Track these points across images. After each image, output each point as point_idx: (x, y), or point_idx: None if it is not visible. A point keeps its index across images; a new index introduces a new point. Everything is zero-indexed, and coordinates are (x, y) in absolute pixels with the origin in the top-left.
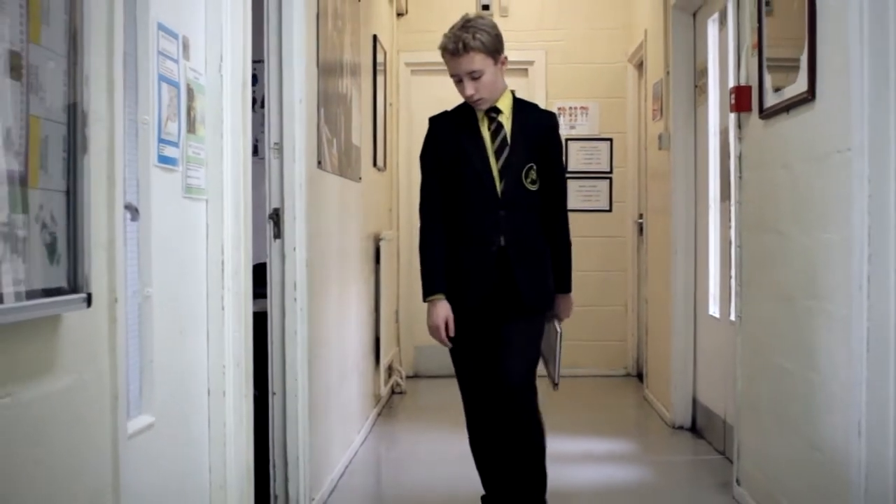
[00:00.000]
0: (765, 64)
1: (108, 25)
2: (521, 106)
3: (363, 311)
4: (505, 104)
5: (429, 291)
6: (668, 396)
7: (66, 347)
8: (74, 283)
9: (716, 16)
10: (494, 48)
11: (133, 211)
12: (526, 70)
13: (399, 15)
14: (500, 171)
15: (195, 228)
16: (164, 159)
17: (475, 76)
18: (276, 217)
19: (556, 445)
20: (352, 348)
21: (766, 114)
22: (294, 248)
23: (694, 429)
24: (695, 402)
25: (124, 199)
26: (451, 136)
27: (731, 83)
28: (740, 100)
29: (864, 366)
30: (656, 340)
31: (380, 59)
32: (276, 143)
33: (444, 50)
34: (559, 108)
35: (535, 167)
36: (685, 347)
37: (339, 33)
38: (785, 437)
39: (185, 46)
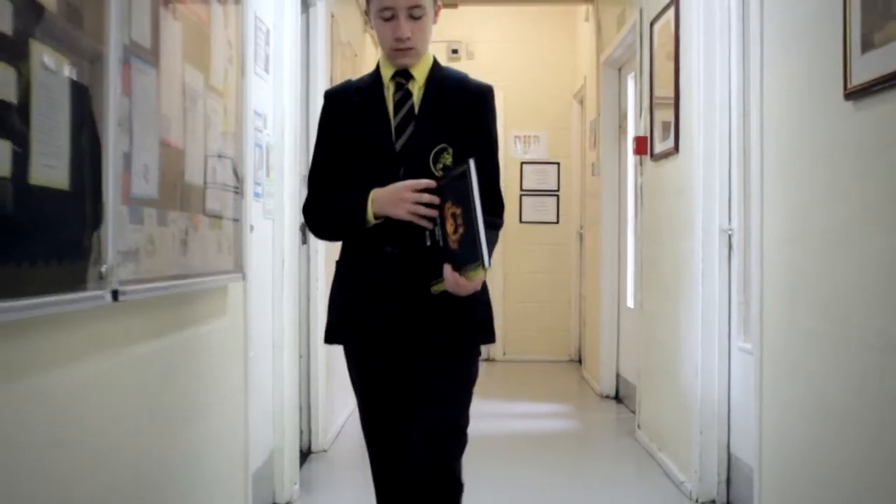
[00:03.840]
0: (654, 121)
1: (245, 124)
2: (441, 73)
3: None
4: (420, 70)
5: (360, 210)
6: (598, 373)
7: (229, 303)
8: (236, 266)
9: (633, 73)
10: None
11: (251, 228)
12: None
13: None
14: (401, 153)
15: (268, 238)
16: (256, 194)
17: (416, 15)
18: (304, 229)
19: (508, 407)
20: None
21: (655, 158)
22: (316, 252)
23: (617, 397)
24: (618, 376)
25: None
26: (348, 109)
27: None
28: (639, 146)
29: (699, 328)
30: (591, 329)
31: None
32: (304, 175)
33: None
34: (516, 136)
35: (450, 150)
36: (610, 333)
37: None
38: (664, 388)
39: (265, 120)
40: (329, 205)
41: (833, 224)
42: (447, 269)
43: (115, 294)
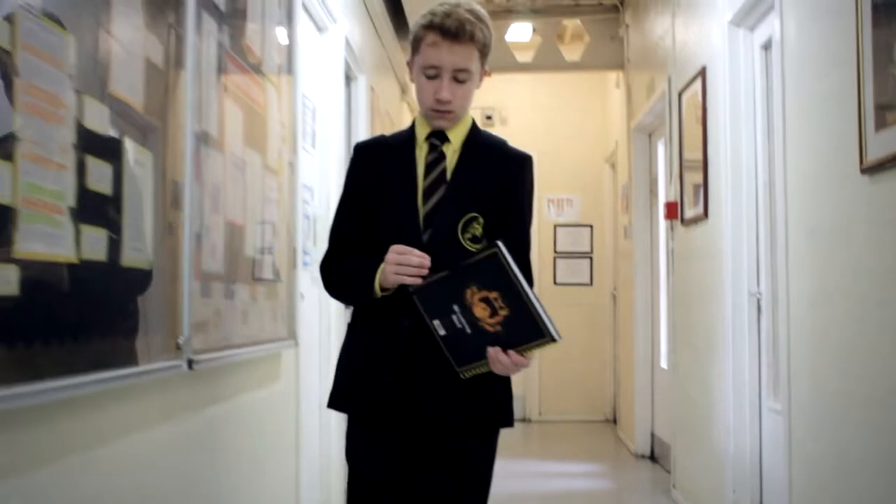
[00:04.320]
0: (684, 187)
1: (295, 198)
2: (479, 138)
3: None
4: (457, 133)
5: (369, 280)
6: (633, 432)
7: (282, 368)
8: (289, 333)
9: (663, 139)
10: (488, 52)
11: (301, 296)
12: None
13: None
14: (427, 217)
15: (315, 304)
16: (304, 263)
17: (461, 78)
18: None
19: (544, 467)
20: None
21: (686, 223)
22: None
23: (652, 456)
24: (653, 435)
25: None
26: (377, 165)
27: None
28: (670, 211)
29: (731, 389)
30: (625, 389)
31: None
32: None
33: (439, 29)
34: (549, 200)
35: (481, 220)
36: (644, 393)
37: None
38: (698, 447)
39: (312, 193)
40: (343, 268)
41: (853, 290)
42: (495, 350)
43: (190, 363)
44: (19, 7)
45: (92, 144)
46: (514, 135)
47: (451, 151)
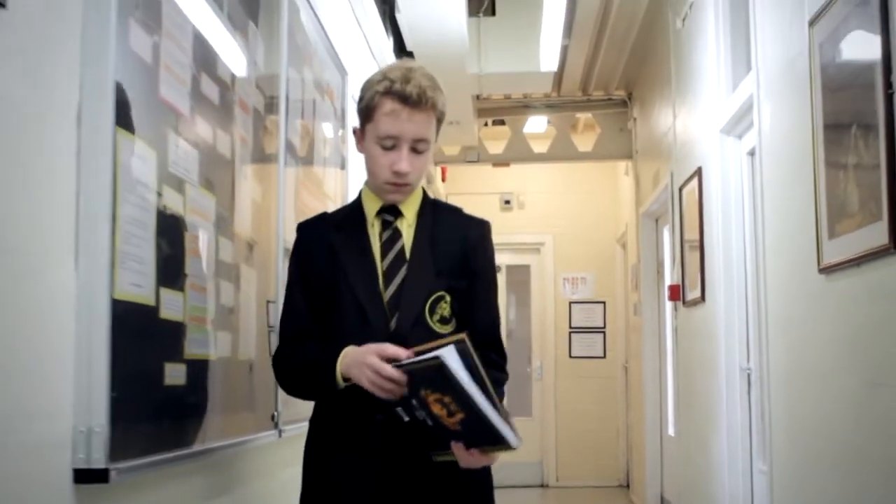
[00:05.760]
0: (685, 273)
1: None
2: (434, 209)
3: None
4: (410, 206)
5: (329, 369)
6: (644, 496)
7: None
8: None
9: (668, 225)
10: (443, 120)
11: None
12: (539, 249)
13: None
14: (391, 302)
15: None
16: None
17: (420, 149)
18: None
19: None
20: None
21: (687, 304)
22: None
23: None
24: (662, 499)
25: None
26: (325, 246)
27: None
28: (673, 293)
29: (725, 453)
30: (637, 455)
31: None
32: None
33: (399, 96)
34: (565, 278)
35: (448, 299)
36: (654, 459)
37: None
38: (699, 502)
39: None
40: (298, 358)
41: (817, 369)
42: (457, 446)
43: (280, 432)
44: (185, 181)
45: (222, 271)
46: (532, 218)
47: (406, 226)
